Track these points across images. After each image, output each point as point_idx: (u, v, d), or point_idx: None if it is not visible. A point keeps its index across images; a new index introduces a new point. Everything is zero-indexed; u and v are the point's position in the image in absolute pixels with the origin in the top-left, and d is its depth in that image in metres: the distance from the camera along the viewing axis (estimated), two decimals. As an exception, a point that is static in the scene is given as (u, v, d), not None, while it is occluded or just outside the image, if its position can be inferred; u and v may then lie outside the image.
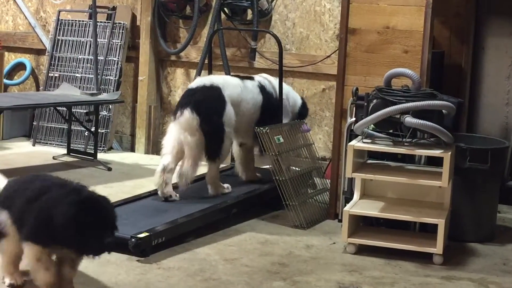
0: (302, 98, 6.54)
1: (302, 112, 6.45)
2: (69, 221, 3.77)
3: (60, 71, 8.27)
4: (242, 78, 6.08)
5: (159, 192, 5.65)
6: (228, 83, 5.81)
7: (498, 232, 5.68)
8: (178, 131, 5.62)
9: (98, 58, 7.82)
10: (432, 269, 4.90)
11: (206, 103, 5.60)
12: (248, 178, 6.20)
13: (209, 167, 5.78)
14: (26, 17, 8.76)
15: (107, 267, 4.65)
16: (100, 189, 6.35)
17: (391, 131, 5.14)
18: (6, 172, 6.87)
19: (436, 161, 5.24)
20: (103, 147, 7.94)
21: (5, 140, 8.41)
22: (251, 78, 6.10)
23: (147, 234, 4.85)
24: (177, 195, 5.67)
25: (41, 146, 8.14)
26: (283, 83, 6.28)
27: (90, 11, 8.05)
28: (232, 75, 6.39)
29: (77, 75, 8.19)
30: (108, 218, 3.91)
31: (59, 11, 8.33)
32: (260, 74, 6.37)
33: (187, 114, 5.55)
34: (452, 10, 6.77)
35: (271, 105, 6.05)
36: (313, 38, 7.30)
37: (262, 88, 6.02)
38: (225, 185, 5.89)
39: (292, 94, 6.39)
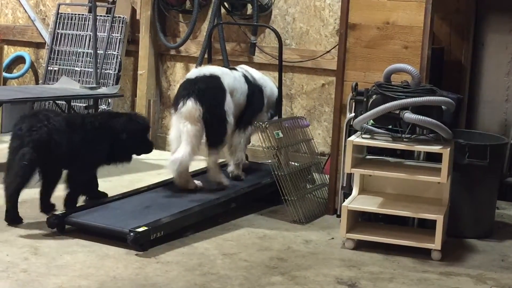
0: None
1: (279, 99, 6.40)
2: None
3: (60, 65, 8.26)
4: (230, 69, 6.07)
5: (183, 188, 5.65)
6: (224, 73, 5.81)
7: (496, 228, 5.68)
8: (180, 122, 5.59)
9: (98, 52, 7.81)
10: (430, 265, 4.91)
11: (209, 93, 5.59)
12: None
13: (210, 153, 5.75)
14: (25, 11, 8.76)
15: (106, 260, 4.66)
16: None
17: (390, 126, 5.14)
18: (4, 166, 6.89)
19: (435, 157, 5.24)
20: (102, 141, 7.93)
21: (4, 133, 8.39)
22: (235, 69, 6.10)
23: (145, 228, 4.85)
24: (200, 182, 5.73)
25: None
26: (259, 72, 6.27)
27: (89, 5, 8.05)
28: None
29: (77, 68, 8.18)
30: None
31: (59, 5, 8.32)
32: (240, 66, 6.34)
33: (190, 105, 5.52)
34: (452, 6, 6.77)
35: (254, 94, 6.06)
36: (313, 33, 7.30)
37: (246, 77, 6.03)
38: (224, 177, 5.89)
39: (270, 83, 6.35)
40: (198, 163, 6.16)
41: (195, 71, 5.86)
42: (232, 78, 5.84)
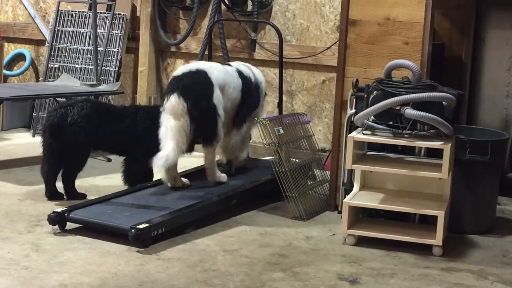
0: None
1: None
2: None
3: (60, 62, 8.26)
4: (221, 64, 5.98)
5: (169, 185, 5.62)
6: (213, 67, 5.73)
7: (497, 224, 5.68)
8: (165, 118, 5.52)
9: (98, 49, 7.81)
10: (431, 261, 4.91)
11: (194, 88, 5.51)
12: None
13: (205, 152, 5.69)
14: (25, 8, 8.76)
15: (107, 257, 4.66)
16: (100, 181, 6.42)
17: (391, 122, 5.14)
18: (6, 163, 6.91)
19: (436, 153, 5.24)
20: (103, 138, 7.93)
21: (5, 131, 8.41)
22: (229, 65, 6.02)
23: (147, 225, 4.85)
24: (188, 181, 5.70)
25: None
26: (250, 65, 6.21)
27: (90, 2, 8.04)
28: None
29: (77, 66, 8.18)
30: None
31: (59, 2, 8.32)
32: (235, 62, 6.26)
33: (173, 99, 5.46)
34: (453, 2, 6.76)
35: (249, 90, 6.00)
36: (314, 29, 7.29)
37: (239, 72, 5.96)
38: (222, 175, 5.85)
39: (261, 76, 6.27)
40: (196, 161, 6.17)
41: (181, 68, 5.76)
42: (222, 72, 5.74)
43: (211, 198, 5.50)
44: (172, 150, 5.36)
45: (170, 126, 5.45)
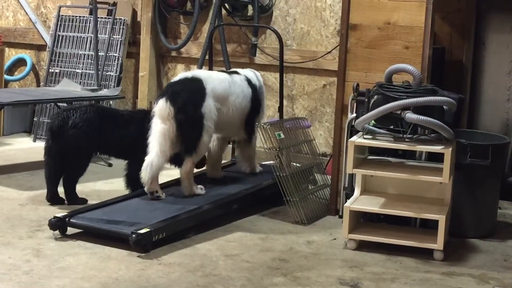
0: None
1: None
2: None
3: (61, 67, 8.27)
4: (229, 73, 5.97)
5: (145, 189, 5.52)
6: (213, 78, 5.69)
7: (498, 228, 5.68)
8: (154, 122, 5.51)
9: (99, 54, 7.82)
10: (432, 265, 4.91)
11: (183, 94, 5.46)
12: (214, 175, 6.13)
13: (184, 162, 5.59)
14: (26, 13, 8.77)
15: (108, 262, 4.66)
16: (101, 185, 6.42)
17: (392, 127, 5.14)
18: (7, 168, 6.91)
19: (437, 157, 5.23)
20: (103, 143, 7.93)
21: (6, 136, 8.42)
22: (237, 73, 6.01)
23: (147, 230, 4.85)
24: (163, 193, 5.56)
25: (42, 142, 8.10)
26: (254, 70, 6.21)
27: (90, 7, 8.05)
28: (219, 71, 6.19)
29: (78, 71, 8.19)
30: None
31: (60, 7, 8.33)
32: (234, 69, 6.27)
33: (161, 103, 5.44)
34: (453, 6, 6.77)
35: (257, 97, 6.01)
36: (314, 34, 7.30)
37: (249, 81, 5.96)
38: (199, 186, 5.70)
39: (262, 81, 6.26)
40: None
41: (180, 75, 5.77)
42: (226, 82, 5.72)
43: (212, 202, 5.50)
44: (155, 156, 5.40)
45: (157, 130, 5.45)
